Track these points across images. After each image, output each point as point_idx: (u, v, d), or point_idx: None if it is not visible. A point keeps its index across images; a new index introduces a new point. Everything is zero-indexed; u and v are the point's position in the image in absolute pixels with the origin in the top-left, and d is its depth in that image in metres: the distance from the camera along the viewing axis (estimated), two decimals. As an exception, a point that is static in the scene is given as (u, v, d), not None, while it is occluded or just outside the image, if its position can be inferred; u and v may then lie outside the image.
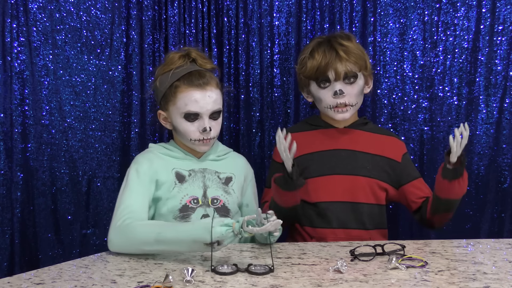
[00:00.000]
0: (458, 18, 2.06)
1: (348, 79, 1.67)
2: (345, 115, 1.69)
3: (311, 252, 1.40)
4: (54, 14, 1.96)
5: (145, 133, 2.08)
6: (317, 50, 1.68)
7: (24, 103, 1.93)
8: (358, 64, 1.67)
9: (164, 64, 1.61)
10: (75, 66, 2.00)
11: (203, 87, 1.53)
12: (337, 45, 1.67)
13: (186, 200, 1.54)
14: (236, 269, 1.19)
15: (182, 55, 1.59)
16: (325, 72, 1.66)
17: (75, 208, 2.01)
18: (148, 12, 2.06)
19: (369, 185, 1.70)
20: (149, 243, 1.33)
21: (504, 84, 2.05)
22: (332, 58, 1.66)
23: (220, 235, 1.21)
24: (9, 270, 1.90)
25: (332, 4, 2.08)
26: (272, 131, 2.13)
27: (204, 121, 1.54)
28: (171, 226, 1.38)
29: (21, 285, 1.11)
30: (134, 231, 1.37)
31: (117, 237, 1.40)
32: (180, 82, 1.54)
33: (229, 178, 1.63)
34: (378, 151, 1.74)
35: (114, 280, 1.15)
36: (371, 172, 1.71)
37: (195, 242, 1.25)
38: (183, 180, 1.57)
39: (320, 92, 1.70)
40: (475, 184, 2.08)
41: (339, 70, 1.65)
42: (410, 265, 1.24)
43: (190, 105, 1.53)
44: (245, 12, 2.09)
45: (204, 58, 1.62)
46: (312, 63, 1.68)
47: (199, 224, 1.27)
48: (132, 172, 1.55)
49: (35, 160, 1.95)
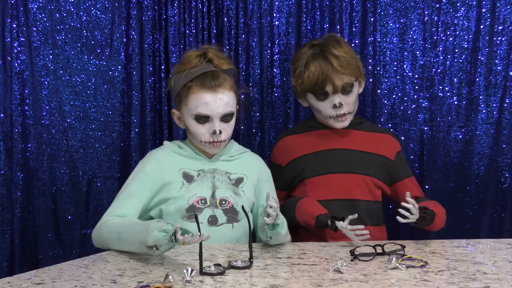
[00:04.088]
0: (458, 18, 2.06)
1: (345, 91, 1.70)
2: (344, 123, 1.74)
3: (311, 252, 1.40)
4: (54, 14, 1.96)
5: (145, 133, 2.08)
6: (313, 63, 1.69)
7: (24, 103, 1.93)
8: (354, 74, 1.71)
9: (180, 62, 1.61)
10: (75, 66, 2.00)
11: (215, 89, 1.52)
12: (331, 57, 1.67)
13: (193, 200, 1.54)
14: (223, 268, 1.19)
15: (199, 54, 1.58)
16: (323, 87, 1.68)
17: (75, 208, 2.01)
18: (148, 12, 2.06)
19: (365, 183, 1.74)
20: (113, 242, 1.39)
21: (504, 84, 2.04)
22: (328, 72, 1.67)
23: (156, 240, 1.21)
24: (9, 270, 1.90)
25: (332, 4, 2.08)
26: (272, 131, 2.13)
27: (214, 123, 1.53)
28: (129, 226, 1.39)
29: (21, 285, 1.11)
30: (103, 229, 1.45)
31: (94, 235, 1.49)
32: (193, 83, 1.53)
33: (240, 179, 1.61)
34: (373, 149, 1.77)
35: (114, 280, 1.15)
36: (367, 170, 1.74)
37: (141, 245, 1.26)
38: (191, 180, 1.56)
39: (319, 104, 1.73)
40: (475, 184, 2.08)
41: (336, 84, 1.68)
42: (410, 265, 1.24)
43: (201, 107, 1.52)
44: (245, 12, 2.09)
45: (221, 58, 1.59)
46: (308, 78, 1.69)
47: (145, 226, 1.27)
48: (136, 171, 1.58)
49: (35, 160, 1.95)
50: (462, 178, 2.08)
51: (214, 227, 1.53)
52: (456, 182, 2.09)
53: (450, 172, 2.09)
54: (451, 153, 2.09)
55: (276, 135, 2.11)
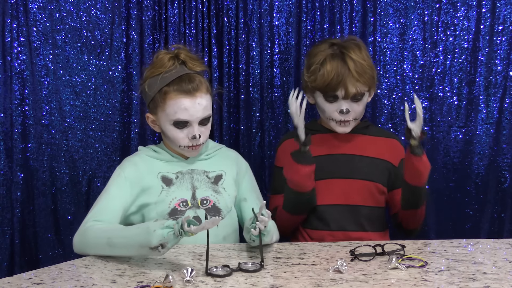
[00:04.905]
0: (458, 18, 2.06)
1: (355, 99, 1.67)
2: (346, 129, 1.71)
3: (311, 252, 1.40)
4: (54, 14, 1.96)
5: (145, 133, 2.08)
6: (330, 62, 1.65)
7: (24, 103, 1.93)
8: (367, 84, 1.67)
9: (152, 65, 1.56)
10: (75, 66, 2.00)
11: (193, 93, 1.49)
12: (350, 61, 1.64)
13: (174, 203, 1.53)
14: (230, 270, 1.18)
15: (171, 56, 1.54)
16: (335, 90, 1.65)
17: (75, 208, 2.01)
18: (148, 12, 2.06)
19: (367, 188, 1.71)
20: (102, 248, 1.34)
21: (504, 84, 2.04)
22: (344, 76, 1.63)
23: (162, 238, 1.20)
24: (9, 270, 1.90)
25: (332, 4, 2.08)
26: (272, 131, 2.13)
27: (193, 128, 1.51)
28: (120, 231, 1.36)
29: (21, 285, 1.11)
30: (88, 235, 1.39)
31: (77, 240, 1.43)
32: (169, 87, 1.50)
33: (218, 176, 1.60)
34: (378, 154, 1.75)
35: (114, 280, 1.15)
36: (370, 175, 1.72)
37: (142, 247, 1.24)
38: (171, 183, 1.55)
39: (326, 105, 1.69)
40: (475, 184, 2.08)
41: (349, 90, 1.64)
42: (410, 265, 1.24)
43: (180, 113, 1.49)
44: (245, 12, 2.09)
45: (194, 60, 1.56)
46: (323, 76, 1.65)
47: (143, 228, 1.25)
48: (114, 176, 1.55)
49: (35, 160, 1.95)
50: (462, 178, 2.08)
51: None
52: (456, 182, 2.09)
53: (450, 172, 2.09)
54: (451, 153, 2.09)
55: (276, 135, 2.11)
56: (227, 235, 1.57)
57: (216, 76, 2.08)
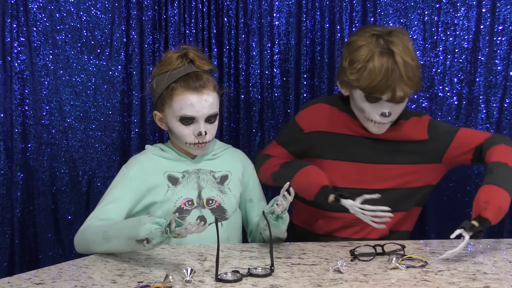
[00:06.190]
0: (458, 18, 2.06)
1: (399, 101, 1.55)
2: (382, 130, 1.60)
3: (311, 252, 1.40)
4: (54, 14, 1.96)
5: (145, 133, 2.08)
6: (378, 61, 1.48)
7: (24, 103, 1.94)
8: (415, 87, 1.55)
9: (161, 64, 1.58)
10: (75, 66, 2.00)
11: (200, 90, 1.50)
12: (401, 63, 1.48)
13: (180, 202, 1.53)
14: (240, 276, 1.16)
15: (180, 55, 1.56)
16: (382, 93, 1.50)
17: (75, 208, 2.01)
18: (148, 12, 2.06)
19: (395, 171, 1.63)
20: (99, 242, 1.36)
21: (504, 84, 2.04)
22: (394, 80, 1.48)
23: (149, 232, 1.21)
24: (9, 270, 1.91)
25: (332, 4, 2.08)
26: (272, 131, 2.12)
27: (199, 125, 1.52)
28: (115, 224, 1.39)
29: (21, 285, 1.11)
30: (87, 232, 1.42)
31: (77, 238, 1.45)
32: (176, 84, 1.51)
33: (224, 177, 1.61)
34: (403, 137, 1.64)
35: (114, 280, 1.15)
36: (395, 159, 1.63)
37: (130, 240, 1.25)
38: (177, 182, 1.55)
39: (366, 104, 1.55)
40: (475, 184, 2.07)
41: (396, 94, 1.50)
42: (410, 265, 1.25)
43: (186, 109, 1.50)
44: (245, 12, 2.09)
45: (202, 59, 1.58)
46: (369, 77, 1.48)
47: (135, 220, 1.28)
48: (119, 176, 1.56)
49: (35, 160, 1.95)
50: (462, 178, 2.08)
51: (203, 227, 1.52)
52: (456, 182, 2.08)
53: (450, 172, 2.07)
54: (451, 153, 2.08)
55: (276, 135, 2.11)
56: (231, 235, 1.57)
57: (216, 76, 2.08)
